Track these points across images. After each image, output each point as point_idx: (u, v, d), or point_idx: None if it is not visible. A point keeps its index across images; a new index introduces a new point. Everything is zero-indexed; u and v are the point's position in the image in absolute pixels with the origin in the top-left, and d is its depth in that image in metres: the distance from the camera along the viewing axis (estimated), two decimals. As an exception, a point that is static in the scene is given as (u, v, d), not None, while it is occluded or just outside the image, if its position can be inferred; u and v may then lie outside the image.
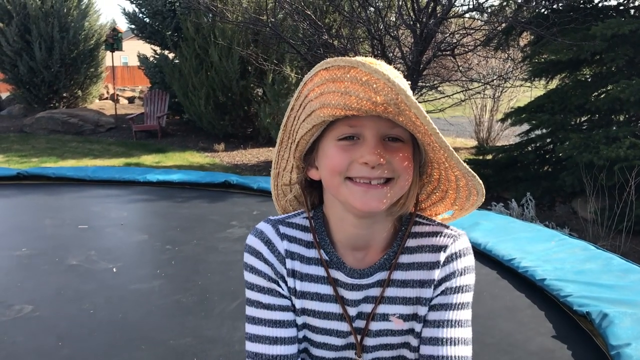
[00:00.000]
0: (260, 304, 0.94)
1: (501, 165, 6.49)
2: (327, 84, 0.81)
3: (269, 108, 8.87)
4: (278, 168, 1.01)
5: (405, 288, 0.93)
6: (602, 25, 5.24)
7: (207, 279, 3.08)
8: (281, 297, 0.94)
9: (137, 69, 15.68)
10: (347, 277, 0.94)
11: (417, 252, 0.94)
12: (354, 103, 0.79)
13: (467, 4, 14.69)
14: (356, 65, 0.77)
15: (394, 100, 0.77)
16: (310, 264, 0.94)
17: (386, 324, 0.95)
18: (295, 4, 7.01)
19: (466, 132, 10.97)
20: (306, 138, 0.90)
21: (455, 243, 0.94)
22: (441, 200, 0.99)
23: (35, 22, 12.35)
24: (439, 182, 0.96)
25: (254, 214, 4.42)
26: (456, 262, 0.93)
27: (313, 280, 0.94)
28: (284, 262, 0.94)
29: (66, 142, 10.28)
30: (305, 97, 0.86)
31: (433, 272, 0.92)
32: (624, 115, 5.96)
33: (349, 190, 0.84)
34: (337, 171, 0.85)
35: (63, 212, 4.43)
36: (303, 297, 0.95)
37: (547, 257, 3.05)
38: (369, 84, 0.77)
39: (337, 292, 0.94)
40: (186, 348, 2.31)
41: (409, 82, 4.39)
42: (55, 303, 2.75)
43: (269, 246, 0.94)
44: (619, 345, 2.07)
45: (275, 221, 0.97)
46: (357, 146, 0.84)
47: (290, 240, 0.95)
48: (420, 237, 0.95)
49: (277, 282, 0.94)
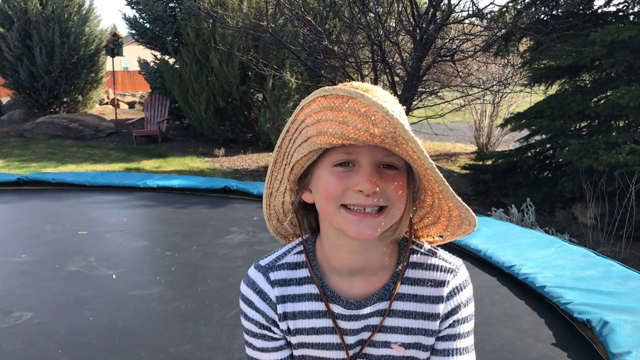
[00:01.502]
0: (255, 347, 1.00)
1: (501, 170, 6.49)
2: (324, 112, 0.82)
3: (269, 113, 8.89)
4: (271, 188, 1.02)
5: (407, 319, 0.96)
6: (602, 32, 5.25)
7: (206, 286, 3.08)
8: (273, 340, 0.99)
9: (137, 74, 15.70)
10: (344, 309, 0.95)
11: (418, 285, 0.96)
12: (351, 133, 0.80)
13: (467, 9, 14.74)
14: (355, 95, 0.77)
15: (392, 134, 0.77)
16: (303, 300, 0.97)
17: (388, 351, 0.97)
18: (296, 10, 7.03)
19: (466, 137, 10.98)
20: (301, 162, 0.91)
21: (455, 278, 0.97)
22: (433, 224, 1.00)
23: (36, 27, 12.38)
24: (431, 208, 0.97)
25: (254, 220, 4.41)
26: (459, 296, 0.97)
27: (307, 316, 0.97)
28: (275, 308, 0.97)
29: (66, 147, 10.28)
30: (302, 122, 0.86)
31: (437, 306, 0.95)
32: (623, 121, 5.97)
33: (344, 219, 0.85)
34: (332, 198, 0.85)
35: (63, 217, 4.43)
36: (299, 334, 0.97)
37: (547, 264, 3.05)
38: (367, 115, 0.77)
39: (336, 324, 0.96)
40: (186, 355, 2.31)
41: (409, 88, 4.35)
42: (55, 310, 2.74)
43: (260, 295, 0.98)
44: (619, 353, 2.06)
45: (265, 268, 0.99)
46: (352, 173, 0.84)
47: (281, 285, 0.98)
48: (420, 269, 0.97)
49: (269, 327, 0.98)
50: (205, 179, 5.72)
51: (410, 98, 6.88)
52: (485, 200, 6.47)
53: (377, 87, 0.86)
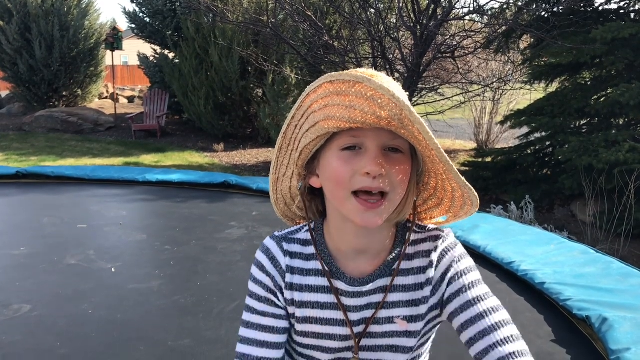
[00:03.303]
0: (255, 310, 1.02)
1: (500, 167, 6.49)
2: (331, 97, 0.85)
3: (269, 109, 8.87)
4: (277, 174, 1.05)
5: (406, 292, 0.99)
6: (603, 29, 5.24)
7: (205, 280, 3.08)
8: (275, 306, 1.02)
9: (137, 68, 15.66)
10: (348, 285, 0.99)
11: (415, 258, 1.00)
12: (358, 117, 0.83)
13: (468, 6, 14.71)
14: (361, 80, 0.80)
15: (398, 116, 0.80)
16: (310, 275, 1.01)
17: (391, 327, 1.00)
18: (296, 5, 7.01)
19: (465, 134, 10.97)
20: (309, 147, 0.94)
21: (443, 242, 1.00)
22: (437, 206, 1.04)
23: (36, 20, 12.33)
24: (435, 190, 1.00)
25: (253, 215, 4.41)
26: (450, 254, 0.99)
27: (312, 290, 1.01)
28: (284, 276, 1.01)
29: (65, 141, 10.26)
30: (309, 108, 0.90)
31: (428, 272, 0.98)
32: (623, 119, 5.96)
33: (352, 207, 0.89)
34: (342, 184, 0.88)
35: (62, 211, 4.42)
36: (304, 307, 1.01)
37: (547, 261, 3.05)
38: (374, 99, 0.80)
39: (339, 300, 0.99)
40: (185, 349, 2.30)
41: (409, 84, 4.36)
42: (54, 303, 2.74)
43: (272, 261, 1.02)
44: (618, 350, 2.07)
45: (280, 238, 1.04)
46: (359, 157, 0.87)
47: (292, 257, 1.02)
48: (416, 245, 1.01)
49: (275, 293, 1.01)
50: (204, 173, 5.71)
51: (410, 94, 6.87)
52: (484, 197, 6.47)
53: (381, 73, 0.89)
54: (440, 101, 8.09)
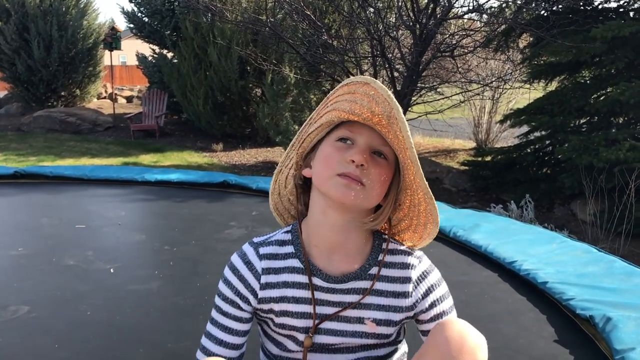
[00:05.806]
0: (220, 310, 1.12)
1: (500, 166, 6.48)
2: (343, 95, 1.01)
3: (268, 108, 8.84)
4: (282, 166, 1.18)
5: (380, 297, 1.10)
6: (602, 28, 5.23)
7: (205, 281, 3.05)
8: (239, 309, 1.11)
9: (135, 68, 15.63)
10: (323, 281, 1.09)
11: (391, 268, 1.11)
12: (357, 109, 0.98)
13: (467, 5, 14.70)
14: (369, 81, 0.96)
15: (388, 113, 0.95)
16: (285, 272, 1.10)
17: (361, 327, 1.10)
18: (295, 4, 6.98)
19: (465, 133, 10.95)
20: (312, 136, 1.09)
21: (420, 263, 1.13)
22: (408, 228, 1.15)
23: (34, 20, 12.30)
24: (409, 209, 1.11)
25: (253, 215, 4.39)
26: (429, 278, 1.12)
27: (288, 286, 1.09)
28: (259, 278, 1.10)
29: (64, 141, 10.23)
30: (325, 106, 1.06)
31: (407, 285, 1.10)
32: (623, 118, 5.96)
33: (334, 183, 1.00)
34: (329, 165, 1.01)
35: (60, 211, 4.39)
36: (280, 302, 1.10)
37: (549, 260, 3.03)
38: (374, 97, 0.96)
39: (313, 294, 1.09)
40: (185, 351, 2.28)
41: (408, 83, 4.36)
42: (52, 304, 2.71)
43: (247, 265, 1.11)
44: (623, 350, 2.04)
45: (257, 244, 1.15)
46: (349, 149, 1.01)
47: (268, 258, 1.11)
48: (392, 255, 1.12)
49: (244, 297, 1.10)
50: (204, 173, 5.68)
51: (409, 93, 6.85)
52: (484, 197, 6.46)
53: None
54: (440, 100, 8.07)
